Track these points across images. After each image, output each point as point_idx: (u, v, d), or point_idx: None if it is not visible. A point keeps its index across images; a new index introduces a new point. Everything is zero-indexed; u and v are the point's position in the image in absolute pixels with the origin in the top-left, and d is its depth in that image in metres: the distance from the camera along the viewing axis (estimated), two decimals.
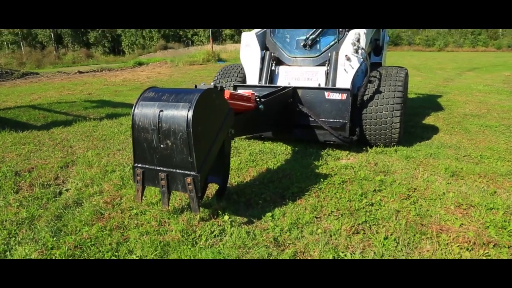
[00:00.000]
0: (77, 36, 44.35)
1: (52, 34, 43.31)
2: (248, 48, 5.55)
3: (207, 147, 2.77)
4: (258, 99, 3.88)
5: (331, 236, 2.79)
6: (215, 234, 2.85)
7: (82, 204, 3.50)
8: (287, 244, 2.72)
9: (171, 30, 47.29)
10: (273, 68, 5.44)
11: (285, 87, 4.80)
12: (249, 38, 5.55)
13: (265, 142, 5.44)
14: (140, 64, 25.65)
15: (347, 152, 4.95)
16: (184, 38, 48.02)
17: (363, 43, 4.87)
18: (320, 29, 5.24)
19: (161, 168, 2.75)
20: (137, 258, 2.61)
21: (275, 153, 4.88)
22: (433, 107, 8.32)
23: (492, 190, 3.61)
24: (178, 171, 2.69)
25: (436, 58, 27.99)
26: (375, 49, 6.84)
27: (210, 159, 2.84)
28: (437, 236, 2.77)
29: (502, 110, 7.86)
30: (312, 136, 4.93)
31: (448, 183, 3.79)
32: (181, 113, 2.55)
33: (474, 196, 3.45)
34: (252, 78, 5.50)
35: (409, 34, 51.48)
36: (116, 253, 2.68)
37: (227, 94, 3.17)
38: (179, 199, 3.48)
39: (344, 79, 4.95)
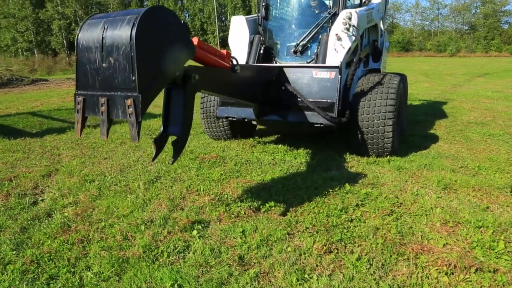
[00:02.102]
0: None
1: (64, 41, 44.05)
2: (237, 31, 5.41)
3: (153, 69, 2.49)
4: (235, 61, 3.61)
5: (300, 255, 2.60)
6: (179, 250, 2.69)
7: (53, 215, 3.39)
8: (252, 263, 2.54)
9: None
10: (261, 52, 5.27)
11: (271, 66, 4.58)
12: (239, 22, 5.41)
13: (254, 152, 5.28)
14: None
15: (337, 162, 4.75)
16: None
17: (355, 21, 4.57)
18: (311, 35, 5.08)
19: (102, 93, 2.50)
20: (92, 275, 2.46)
21: (261, 164, 4.71)
22: (436, 114, 8.05)
23: (485, 205, 3.38)
24: (119, 93, 2.44)
25: (447, 64, 27.51)
26: (373, 53, 6.63)
27: (157, 87, 2.57)
28: (415, 258, 2.56)
29: (508, 117, 7.55)
30: (298, 118, 4.64)
31: (438, 197, 3.56)
32: (126, 27, 2.31)
33: (464, 212, 3.22)
34: (240, 62, 5.34)
35: (420, 40, 50.79)
36: (73, 269, 2.54)
37: (195, 41, 2.92)
38: (151, 211, 3.34)
39: (334, 59, 4.64)
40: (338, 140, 5.57)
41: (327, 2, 5.32)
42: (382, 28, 6.93)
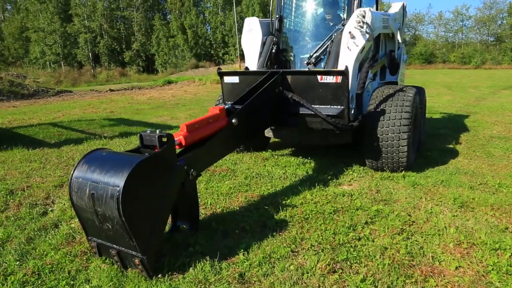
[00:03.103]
0: (113, 56, 46.27)
1: (90, 54, 45.50)
2: (250, 33, 5.37)
3: (151, 223, 2.51)
4: (232, 109, 3.56)
5: (303, 274, 2.50)
6: (179, 266, 2.64)
7: (59, 226, 3.40)
8: (252, 282, 2.46)
9: (203, 50, 48.39)
10: (273, 51, 5.22)
11: (273, 72, 4.41)
12: (252, 23, 5.38)
13: (266, 165, 5.21)
14: (170, 82, 26.20)
15: (350, 177, 4.63)
16: (215, 57, 48.97)
17: (368, 19, 4.42)
18: (324, 47, 5.02)
19: (111, 245, 2.57)
20: None
21: (272, 177, 4.64)
22: (457, 128, 7.79)
23: (503, 226, 3.19)
24: (126, 250, 2.50)
25: (471, 76, 26.78)
26: (390, 65, 6.50)
27: (161, 231, 2.66)
28: (424, 281, 2.42)
29: None
30: (308, 124, 4.52)
31: (453, 216, 3.40)
32: (112, 200, 2.30)
33: (480, 232, 3.05)
34: (251, 63, 5.29)
35: (444, 52, 49.69)
36: (72, 282, 2.53)
37: (183, 129, 2.93)
38: None
39: (347, 58, 4.46)
40: (352, 154, 5.44)
41: (341, 15, 5.27)
42: (400, 40, 6.82)
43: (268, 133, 5.58)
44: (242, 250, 2.81)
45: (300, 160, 5.38)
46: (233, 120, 3.48)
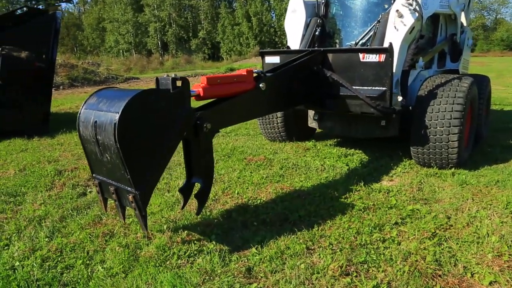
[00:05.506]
0: (180, 44, 48.05)
1: (159, 42, 47.67)
2: (294, 14, 5.20)
3: (149, 160, 2.43)
4: (261, 74, 3.37)
5: (312, 274, 2.35)
6: (189, 254, 2.62)
7: (91, 207, 3.57)
8: (259, 277, 2.36)
9: (267, 37, 48.32)
10: (316, 33, 5.01)
11: (313, 51, 4.24)
12: (296, 4, 5.20)
13: (305, 155, 5.04)
14: (232, 69, 26.55)
15: (393, 172, 4.31)
16: (280, 45, 48.64)
17: None
18: (372, 33, 4.67)
19: (111, 182, 2.57)
20: (102, 269, 2.51)
21: (308, 169, 4.46)
22: None
23: None
24: (122, 186, 2.48)
25: None
26: (452, 51, 5.89)
27: (158, 172, 2.55)
28: None
29: None
30: (347, 107, 4.28)
31: (501, 222, 2.99)
32: (110, 126, 2.25)
33: None
34: (294, 45, 5.12)
35: None
36: (88, 261, 2.63)
37: (204, 81, 2.81)
38: (178, 212, 3.32)
39: (393, 39, 4.14)
40: (399, 148, 5.04)
41: None
42: (465, 23, 6.15)
43: (312, 124, 5.38)
44: (256, 244, 2.72)
45: (342, 152, 5.12)
46: (261, 85, 3.26)
